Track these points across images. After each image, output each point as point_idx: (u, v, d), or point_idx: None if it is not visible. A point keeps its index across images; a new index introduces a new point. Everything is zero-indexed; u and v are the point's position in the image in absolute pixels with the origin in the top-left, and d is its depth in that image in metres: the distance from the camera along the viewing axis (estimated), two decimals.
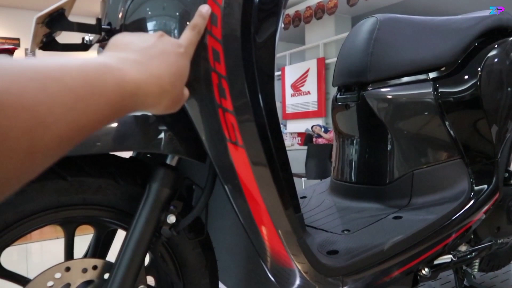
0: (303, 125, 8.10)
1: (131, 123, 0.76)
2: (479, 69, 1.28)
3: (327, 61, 8.17)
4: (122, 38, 0.55)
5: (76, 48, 0.91)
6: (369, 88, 1.29)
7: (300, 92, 8.76)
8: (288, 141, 7.35)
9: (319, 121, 7.95)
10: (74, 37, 0.77)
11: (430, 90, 1.27)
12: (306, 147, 5.23)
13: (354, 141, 1.37)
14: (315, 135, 6.84)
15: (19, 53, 6.36)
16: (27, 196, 0.76)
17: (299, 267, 0.89)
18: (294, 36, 9.63)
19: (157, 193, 0.80)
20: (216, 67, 0.71)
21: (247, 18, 0.73)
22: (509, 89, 1.34)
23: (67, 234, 0.88)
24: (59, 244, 2.89)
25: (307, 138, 7.08)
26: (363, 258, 0.99)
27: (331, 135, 6.53)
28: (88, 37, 0.90)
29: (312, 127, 7.01)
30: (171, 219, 0.83)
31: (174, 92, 0.53)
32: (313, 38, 8.77)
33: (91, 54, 0.62)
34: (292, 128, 8.85)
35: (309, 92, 8.53)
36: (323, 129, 6.73)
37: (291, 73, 8.99)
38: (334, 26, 8.35)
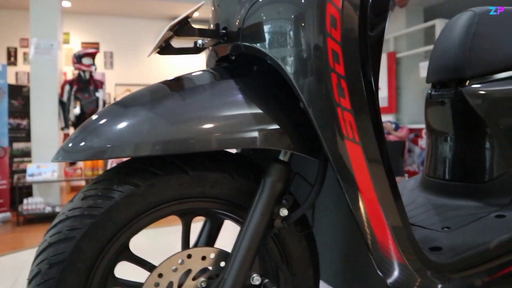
0: None
1: (246, 121, 0.82)
2: None
3: (398, 55, 7.92)
4: None
5: (189, 51, 0.98)
6: (468, 84, 1.26)
7: None
8: None
9: (390, 117, 7.74)
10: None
11: None
12: None
13: (449, 138, 1.34)
14: (386, 132, 6.68)
15: (99, 56, 6.78)
16: (155, 189, 0.84)
17: (407, 261, 0.91)
18: None
19: (272, 187, 0.85)
20: (336, 68, 0.74)
21: (364, 18, 0.76)
22: None
23: (185, 224, 0.96)
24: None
25: None
26: (468, 256, 0.98)
27: (402, 132, 6.35)
28: (201, 40, 0.97)
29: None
30: (284, 212, 0.87)
31: None
32: None
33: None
34: None
35: (379, 88, 8.33)
36: (394, 125, 6.55)
37: None
38: (405, 18, 8.07)
